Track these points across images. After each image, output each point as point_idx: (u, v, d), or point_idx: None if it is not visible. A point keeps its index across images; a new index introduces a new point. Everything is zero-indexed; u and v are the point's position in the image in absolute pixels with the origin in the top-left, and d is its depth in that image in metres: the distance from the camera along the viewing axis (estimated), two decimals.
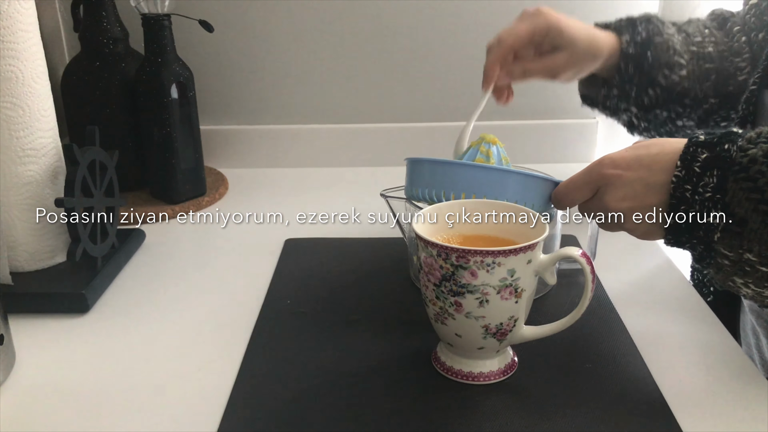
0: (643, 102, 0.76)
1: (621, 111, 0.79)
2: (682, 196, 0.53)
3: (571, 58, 0.72)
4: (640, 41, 0.74)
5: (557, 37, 0.72)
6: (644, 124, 0.79)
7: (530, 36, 0.72)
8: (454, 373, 0.56)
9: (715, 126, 0.78)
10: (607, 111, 0.81)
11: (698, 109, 0.76)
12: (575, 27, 0.72)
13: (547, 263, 0.52)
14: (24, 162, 0.67)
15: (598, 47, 0.73)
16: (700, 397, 0.54)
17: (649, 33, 0.74)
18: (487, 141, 0.66)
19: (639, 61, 0.74)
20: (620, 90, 0.76)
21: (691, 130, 0.78)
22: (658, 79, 0.74)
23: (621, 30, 0.75)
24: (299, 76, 1.06)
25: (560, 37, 0.71)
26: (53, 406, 0.54)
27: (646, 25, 0.75)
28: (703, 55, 0.75)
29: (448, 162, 0.63)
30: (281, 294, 0.69)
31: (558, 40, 0.72)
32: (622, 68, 0.74)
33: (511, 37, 0.72)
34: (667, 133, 0.80)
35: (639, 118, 0.79)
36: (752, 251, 0.50)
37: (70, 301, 0.66)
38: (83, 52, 0.90)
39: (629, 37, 0.74)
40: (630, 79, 0.75)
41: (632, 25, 0.75)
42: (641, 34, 0.74)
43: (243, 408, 0.53)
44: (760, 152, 0.50)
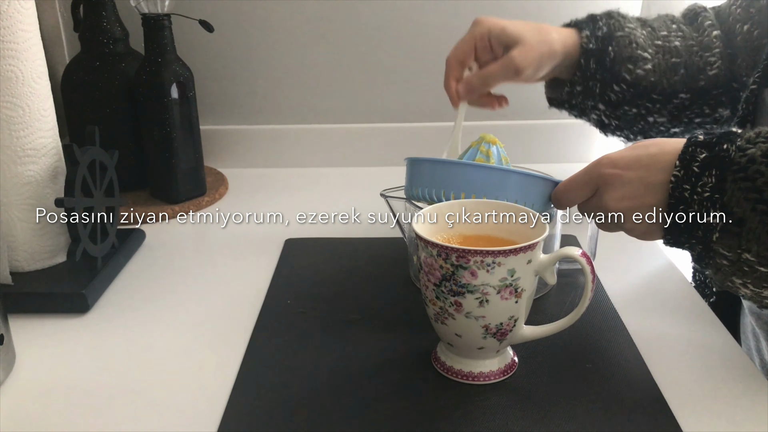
0: (609, 99, 0.76)
1: (589, 110, 0.78)
2: (680, 196, 0.53)
3: (524, 50, 0.70)
4: (601, 36, 0.73)
5: (501, 36, 0.71)
6: (615, 122, 0.78)
7: (471, 45, 0.72)
8: (454, 373, 0.56)
9: (689, 123, 0.78)
10: (575, 111, 0.80)
11: (668, 104, 0.76)
12: (519, 23, 0.72)
13: (547, 263, 0.52)
14: (24, 162, 0.67)
15: (550, 38, 0.72)
16: (700, 397, 0.54)
17: (610, 28, 0.74)
18: (487, 141, 0.66)
19: (600, 57, 0.73)
20: (584, 87, 0.75)
21: (664, 126, 0.78)
22: (622, 74, 0.74)
23: (581, 26, 0.75)
24: (299, 76, 1.06)
25: (505, 35, 0.71)
26: (53, 406, 0.54)
27: (606, 20, 0.74)
28: (669, 49, 0.75)
29: (448, 161, 0.63)
30: (281, 294, 0.69)
31: (504, 38, 0.71)
32: (582, 64, 0.74)
33: (453, 52, 0.73)
34: (639, 131, 0.79)
35: (608, 116, 0.78)
36: (750, 251, 0.50)
37: (70, 301, 0.66)
38: (83, 52, 0.90)
39: (589, 32, 0.73)
40: (593, 75, 0.74)
41: (592, 21, 0.75)
42: (602, 29, 0.73)
43: (243, 408, 0.53)
44: (758, 152, 0.50)
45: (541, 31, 0.72)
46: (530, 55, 0.70)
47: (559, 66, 0.75)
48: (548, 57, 0.72)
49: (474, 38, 0.72)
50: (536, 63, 0.71)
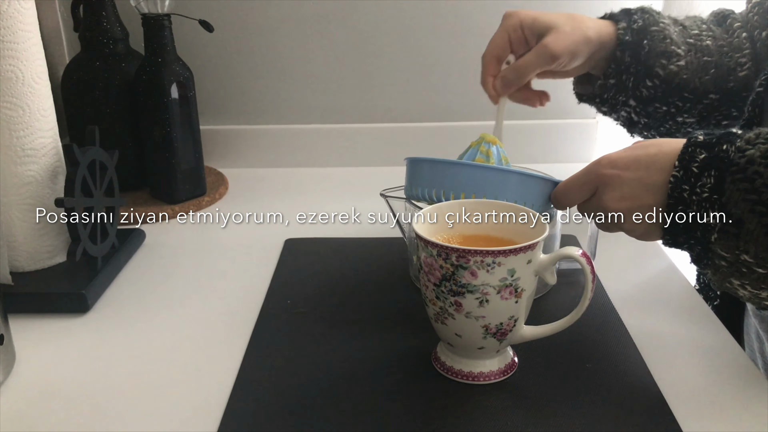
0: (641, 94, 0.75)
1: (620, 105, 0.77)
2: (679, 197, 0.52)
3: (558, 36, 0.69)
4: (637, 29, 0.72)
5: (534, 25, 0.70)
6: (644, 120, 0.78)
7: (506, 39, 0.71)
8: (454, 373, 0.56)
9: (717, 125, 0.77)
10: (606, 105, 0.79)
11: (698, 104, 0.75)
12: (550, 13, 0.71)
13: (547, 263, 0.52)
14: (24, 162, 0.67)
15: (584, 25, 0.71)
16: (701, 398, 0.54)
17: (646, 22, 0.73)
18: (487, 141, 0.66)
19: (635, 50, 0.72)
20: (617, 80, 0.74)
21: (692, 128, 0.77)
22: (655, 69, 0.73)
23: (617, 18, 0.74)
24: (299, 76, 1.06)
25: (538, 24, 0.70)
26: (53, 406, 0.54)
27: (641, 14, 0.74)
28: (700, 47, 0.74)
29: (448, 161, 0.63)
30: (281, 294, 0.69)
31: (537, 27, 0.70)
32: (618, 56, 0.73)
33: (488, 48, 0.72)
34: (666, 131, 0.78)
35: (638, 113, 0.77)
36: (749, 252, 0.50)
37: (70, 301, 0.66)
38: (83, 52, 0.90)
39: (626, 24, 0.73)
40: (627, 68, 0.73)
41: (627, 15, 0.74)
42: (637, 22, 0.73)
43: (243, 408, 0.53)
44: (757, 153, 0.50)
45: (574, 19, 0.71)
46: (564, 41, 0.69)
47: (593, 58, 0.74)
48: (583, 44, 0.71)
49: (507, 31, 0.71)
50: (571, 49, 0.70)
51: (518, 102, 0.76)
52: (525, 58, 0.70)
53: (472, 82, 1.07)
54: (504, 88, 0.72)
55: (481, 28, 1.04)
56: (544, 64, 0.70)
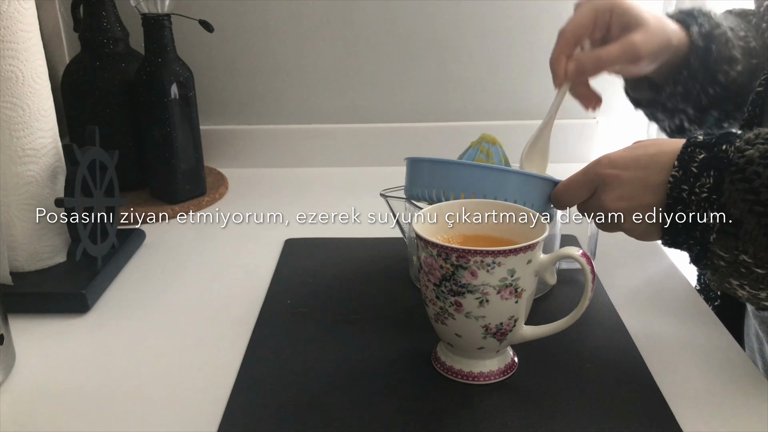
0: (701, 102, 0.69)
1: (678, 112, 0.71)
2: (678, 196, 0.52)
3: (647, 35, 0.63)
4: (705, 33, 0.67)
5: (625, 15, 0.63)
6: (695, 127, 0.72)
7: (592, 19, 0.64)
8: (454, 373, 0.56)
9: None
10: (665, 113, 0.73)
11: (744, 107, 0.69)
12: (640, 5, 0.64)
13: (547, 263, 0.52)
14: (24, 162, 0.67)
15: (668, 28, 0.65)
16: (700, 398, 0.54)
17: (710, 25, 0.68)
18: (488, 141, 0.66)
19: (705, 56, 0.67)
20: (685, 87, 0.68)
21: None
22: (717, 76, 0.68)
23: (686, 21, 0.67)
24: (299, 76, 1.06)
25: (628, 15, 0.63)
26: (53, 406, 0.54)
27: (703, 17, 0.68)
28: (749, 50, 0.69)
29: (448, 161, 0.63)
30: (281, 294, 0.69)
31: (626, 18, 0.63)
32: (691, 62, 0.67)
33: (571, 24, 0.65)
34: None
35: (692, 121, 0.72)
36: (747, 252, 0.50)
37: (70, 301, 0.66)
38: (83, 52, 0.90)
39: (697, 29, 0.66)
40: (695, 75, 0.68)
41: (692, 17, 0.68)
42: (704, 26, 0.67)
43: (243, 408, 0.53)
44: (756, 153, 0.50)
45: (660, 20, 0.65)
46: (651, 43, 0.63)
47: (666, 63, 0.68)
48: (665, 48, 0.65)
49: (596, 12, 0.64)
50: (655, 52, 0.64)
51: (575, 96, 0.69)
52: (609, 50, 0.63)
53: (472, 82, 1.08)
54: (577, 73, 0.64)
55: (481, 28, 1.04)
56: (626, 62, 0.64)
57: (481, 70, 1.07)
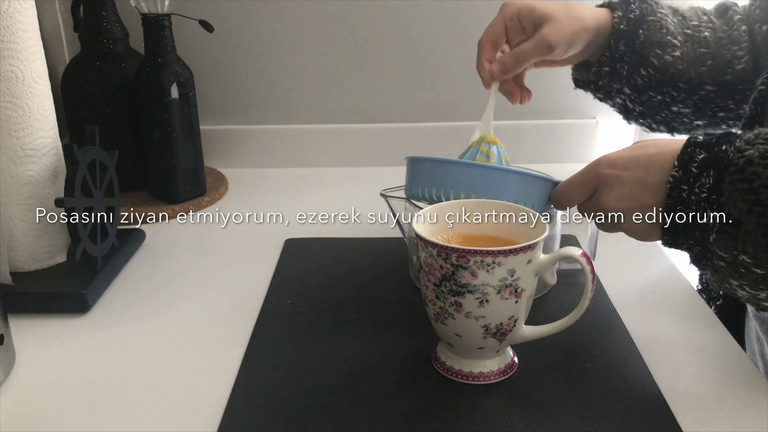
0: (635, 83, 0.75)
1: (614, 93, 0.77)
2: (678, 196, 0.53)
3: (555, 27, 0.70)
4: (633, 18, 0.73)
5: (531, 14, 0.71)
6: (639, 108, 0.78)
7: (501, 25, 0.72)
8: (454, 373, 0.56)
9: (713, 116, 0.77)
10: (600, 92, 0.79)
11: (693, 95, 0.75)
12: (547, 3, 0.71)
13: (547, 263, 0.52)
14: (24, 162, 0.67)
15: (581, 14, 0.71)
16: (700, 398, 0.54)
17: (643, 11, 0.73)
18: (488, 141, 0.66)
19: (630, 39, 0.73)
20: (611, 68, 0.74)
21: (688, 118, 0.77)
22: (650, 59, 0.73)
23: (614, 6, 0.74)
24: (299, 76, 1.06)
25: (535, 14, 0.71)
26: (53, 406, 0.54)
27: (639, 3, 0.74)
28: (698, 39, 0.74)
29: (449, 161, 0.63)
30: (281, 294, 0.69)
31: (534, 17, 0.71)
32: (612, 45, 0.73)
33: (485, 34, 0.73)
34: (662, 120, 0.78)
35: (633, 101, 0.77)
36: (747, 253, 0.50)
37: (70, 301, 0.66)
38: (83, 52, 0.90)
39: (621, 13, 0.73)
40: (621, 56, 0.73)
41: (626, 3, 0.74)
42: (634, 12, 0.73)
43: (243, 408, 0.53)
44: (756, 153, 0.50)
45: (570, 8, 0.72)
46: (562, 32, 0.70)
47: (590, 45, 0.74)
48: (580, 33, 0.71)
49: (504, 19, 0.72)
50: (568, 39, 0.71)
51: (503, 93, 0.76)
52: (523, 47, 0.71)
53: (472, 82, 1.07)
54: (500, 73, 0.72)
55: (480, 29, 1.04)
56: (541, 53, 0.70)
57: None
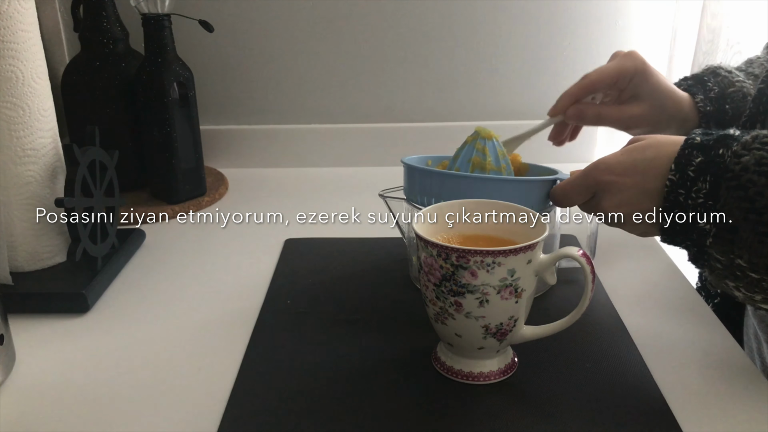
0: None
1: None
2: (675, 200, 0.53)
3: (648, 110, 0.70)
4: (715, 96, 0.71)
5: (642, 83, 0.69)
6: None
7: (616, 75, 0.70)
8: (454, 373, 0.56)
9: None
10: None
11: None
12: (660, 77, 0.70)
13: (547, 263, 0.52)
14: (24, 162, 0.67)
15: (674, 108, 0.70)
16: (700, 398, 0.54)
17: (721, 86, 0.71)
18: (483, 136, 0.65)
19: (719, 117, 0.71)
20: None
21: None
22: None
23: (692, 90, 0.72)
24: (299, 76, 1.06)
25: (645, 84, 0.69)
26: (53, 406, 0.54)
27: (714, 78, 0.72)
28: None
29: (444, 173, 0.63)
30: (281, 294, 0.69)
31: (641, 88, 0.70)
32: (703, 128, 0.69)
33: (596, 73, 0.70)
34: None
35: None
36: (742, 258, 0.50)
37: (70, 301, 0.66)
38: (83, 52, 0.90)
39: (703, 95, 0.71)
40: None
41: (701, 83, 0.72)
42: (713, 90, 0.71)
43: (243, 408, 0.53)
44: (752, 160, 0.50)
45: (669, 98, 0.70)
46: (645, 116, 0.70)
47: (672, 129, 0.72)
48: (657, 117, 0.70)
49: (621, 70, 0.70)
50: (647, 128, 0.70)
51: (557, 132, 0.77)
52: (608, 113, 0.70)
53: (472, 82, 1.08)
54: (575, 118, 0.71)
55: (481, 29, 1.04)
56: (620, 128, 0.71)
57: (480, 70, 1.06)
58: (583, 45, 1.05)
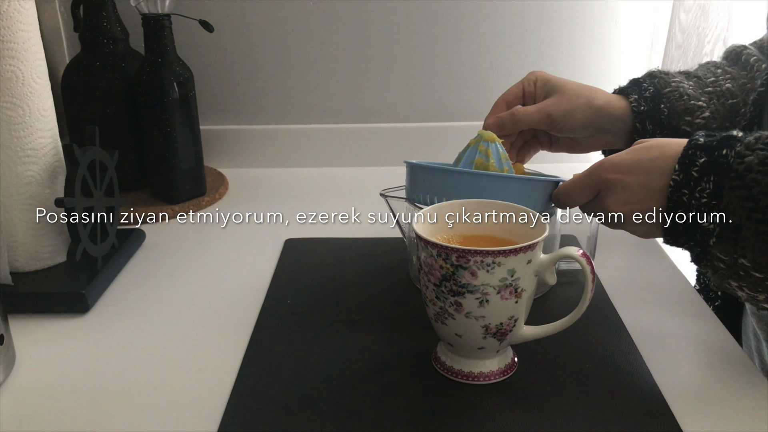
0: None
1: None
2: (679, 200, 0.53)
3: (560, 99, 0.72)
4: (649, 96, 0.72)
5: (546, 85, 0.73)
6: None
7: (519, 88, 0.75)
8: (454, 373, 0.56)
9: None
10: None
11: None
12: (566, 80, 0.74)
13: (547, 263, 0.52)
14: (24, 162, 0.67)
15: (592, 94, 0.72)
16: (700, 397, 0.54)
17: (656, 86, 0.72)
18: (486, 139, 0.65)
19: (654, 116, 0.72)
20: None
21: None
22: (681, 128, 0.72)
23: (626, 91, 0.73)
24: (299, 76, 1.06)
25: (548, 84, 0.73)
26: (53, 406, 0.54)
27: (650, 80, 0.73)
28: (722, 93, 0.72)
29: (447, 170, 0.63)
30: (281, 294, 0.69)
31: (547, 87, 0.73)
32: (639, 128, 0.72)
33: (503, 94, 0.76)
34: None
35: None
36: (746, 257, 0.50)
37: (70, 301, 0.66)
38: (83, 52, 0.90)
39: (637, 96, 0.72)
40: (652, 135, 0.72)
41: (636, 85, 0.74)
42: (648, 90, 0.72)
43: (243, 408, 0.53)
44: (756, 160, 0.50)
45: (583, 89, 0.73)
46: (563, 105, 0.72)
47: (615, 133, 0.74)
48: (582, 110, 0.72)
49: (522, 83, 0.75)
50: (569, 114, 0.72)
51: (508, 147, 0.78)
52: (524, 109, 0.73)
53: (472, 82, 1.08)
54: (495, 127, 0.73)
55: (480, 29, 1.04)
56: (540, 121, 0.72)
57: (480, 71, 1.07)
58: (583, 45, 1.05)
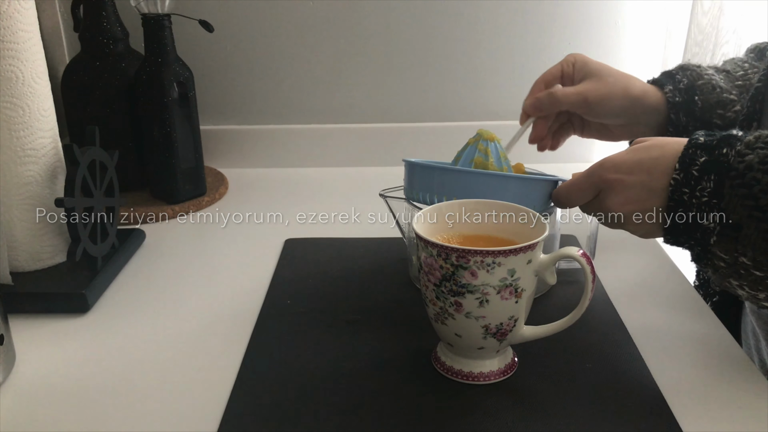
0: None
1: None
2: (679, 199, 0.53)
3: (597, 84, 0.72)
4: (684, 88, 0.72)
5: (584, 68, 0.73)
6: None
7: (559, 69, 0.75)
8: (454, 373, 0.56)
9: None
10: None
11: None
12: (605, 65, 0.73)
13: (547, 263, 0.52)
14: (24, 162, 0.67)
15: (629, 82, 0.72)
16: (700, 397, 0.54)
17: (690, 78, 0.73)
18: (485, 138, 0.65)
19: (689, 108, 0.72)
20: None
21: None
22: (713, 121, 0.72)
23: (661, 82, 0.73)
24: (299, 76, 1.06)
25: (587, 67, 0.73)
26: (53, 406, 0.54)
27: (683, 72, 0.73)
28: (751, 86, 0.72)
29: (447, 168, 0.63)
30: (281, 294, 0.69)
31: (585, 70, 0.73)
32: (673, 119, 0.72)
33: (542, 74, 0.76)
34: None
35: None
36: (747, 255, 0.50)
37: (70, 301, 0.66)
38: (83, 52, 0.90)
39: (672, 86, 0.72)
40: (685, 127, 0.72)
41: (670, 76, 0.74)
42: (683, 81, 0.73)
43: (243, 408, 0.53)
44: (756, 159, 0.50)
45: (623, 75, 0.73)
46: (600, 90, 0.72)
47: (648, 124, 0.74)
48: (619, 97, 0.72)
49: (562, 64, 0.75)
50: (605, 100, 0.72)
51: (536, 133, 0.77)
52: (563, 90, 0.73)
53: (472, 82, 1.08)
54: (533, 108, 0.74)
55: (481, 28, 1.04)
56: (577, 103, 0.72)
57: (480, 71, 1.07)
58: (583, 45, 1.05)
